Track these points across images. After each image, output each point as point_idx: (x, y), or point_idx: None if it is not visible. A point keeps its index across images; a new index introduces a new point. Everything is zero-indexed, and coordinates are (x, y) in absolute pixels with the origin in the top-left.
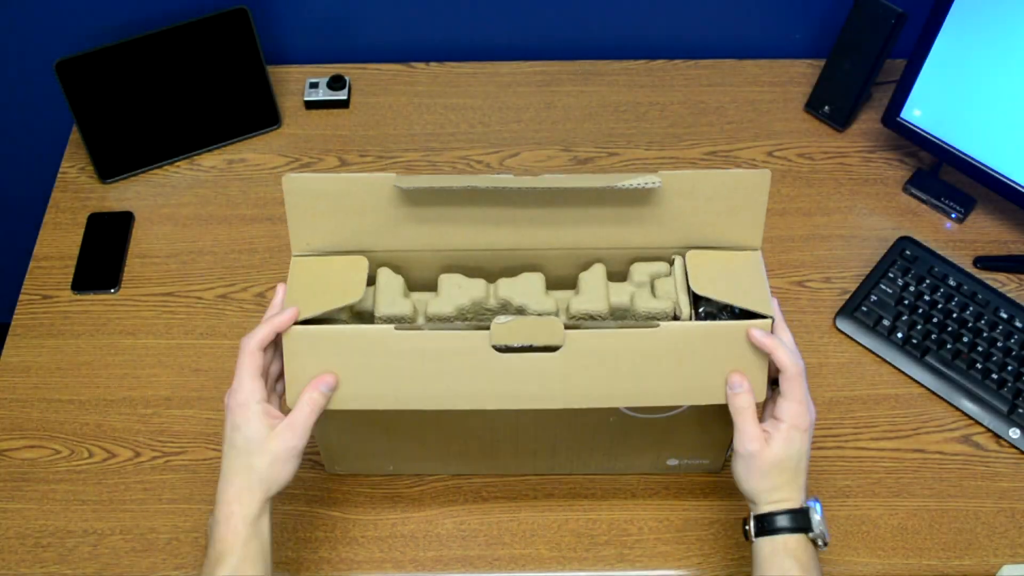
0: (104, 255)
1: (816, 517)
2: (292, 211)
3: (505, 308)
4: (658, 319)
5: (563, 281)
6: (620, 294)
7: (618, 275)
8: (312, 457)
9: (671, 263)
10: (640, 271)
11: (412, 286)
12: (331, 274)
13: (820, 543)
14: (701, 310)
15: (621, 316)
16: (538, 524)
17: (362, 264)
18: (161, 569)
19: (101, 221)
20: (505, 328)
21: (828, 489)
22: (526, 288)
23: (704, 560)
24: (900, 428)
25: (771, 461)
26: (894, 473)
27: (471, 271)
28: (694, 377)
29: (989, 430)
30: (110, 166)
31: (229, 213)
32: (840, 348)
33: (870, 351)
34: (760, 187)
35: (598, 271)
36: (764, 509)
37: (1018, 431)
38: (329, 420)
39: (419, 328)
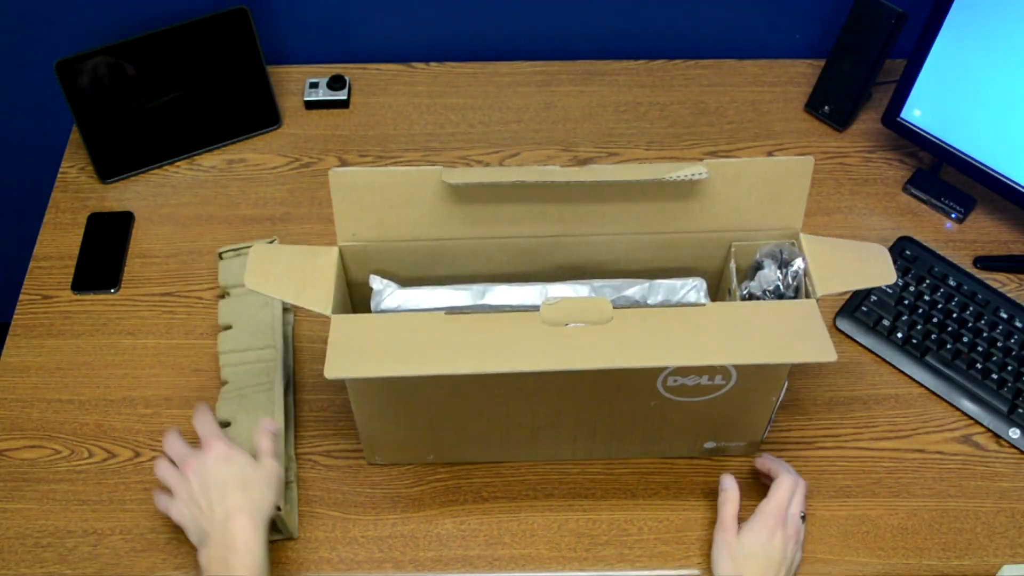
0: (104, 255)
1: None
2: (339, 205)
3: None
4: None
5: (606, 265)
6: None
7: (658, 257)
8: (312, 458)
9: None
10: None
11: (458, 276)
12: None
13: None
14: (745, 291)
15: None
16: (538, 524)
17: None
18: (161, 569)
19: (101, 221)
20: (555, 307)
21: (828, 489)
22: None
23: (704, 560)
24: (900, 428)
25: (742, 550)
26: (894, 473)
27: (517, 258)
28: (737, 343)
29: (989, 430)
30: (110, 166)
31: (229, 213)
32: (840, 348)
33: (870, 351)
34: (803, 173)
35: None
36: None
37: (1018, 431)
38: (373, 405)
39: (468, 311)
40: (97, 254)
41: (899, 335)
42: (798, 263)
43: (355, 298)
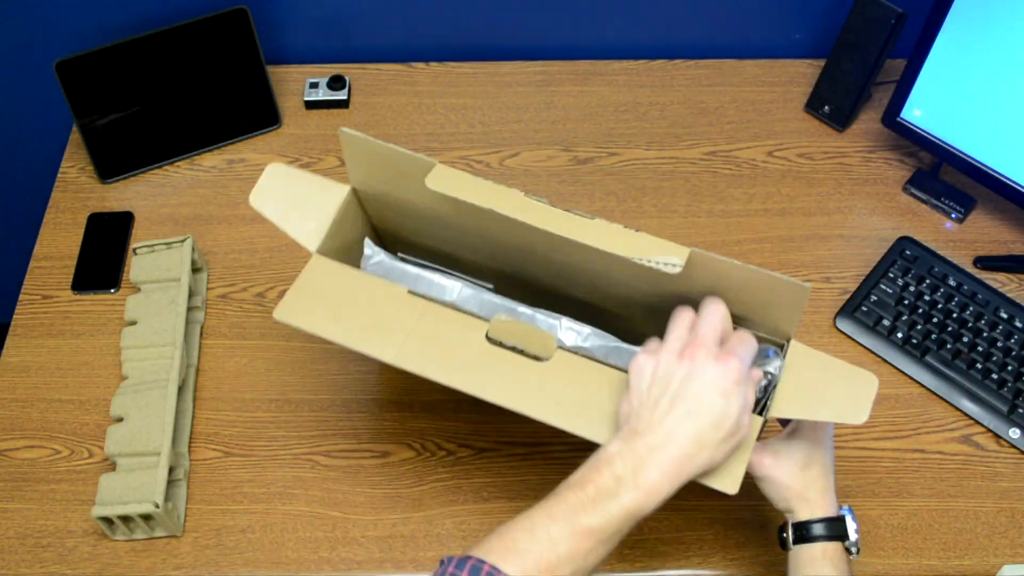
0: (104, 255)
1: (852, 525)
2: (349, 159)
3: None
4: None
5: (597, 282)
6: None
7: (640, 314)
8: (312, 458)
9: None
10: None
11: (456, 253)
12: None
13: (854, 551)
14: None
15: None
16: None
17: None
18: (161, 569)
19: (101, 221)
20: (504, 325)
21: None
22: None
23: (704, 560)
24: (900, 428)
25: (785, 477)
26: (894, 473)
27: (511, 254)
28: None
29: (989, 430)
30: (110, 166)
31: (229, 213)
32: (840, 348)
33: (870, 351)
34: (798, 299)
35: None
36: (802, 517)
37: (1018, 431)
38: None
39: (429, 299)
40: (97, 254)
41: (899, 335)
42: (775, 366)
43: (386, 240)
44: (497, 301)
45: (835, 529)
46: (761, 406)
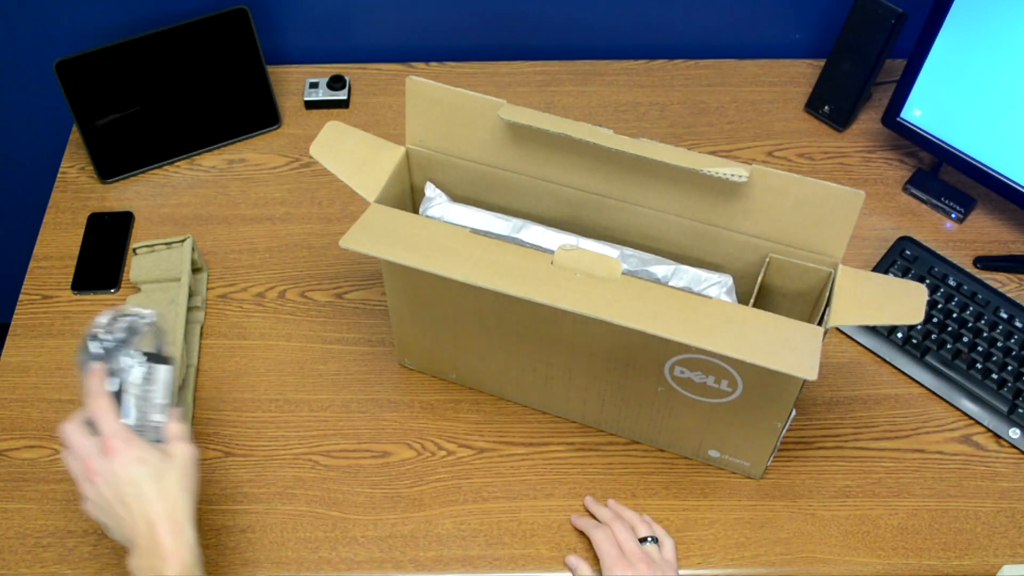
0: (104, 255)
1: None
2: (410, 110)
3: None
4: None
5: (646, 240)
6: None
7: (695, 246)
8: (312, 458)
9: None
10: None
11: (508, 208)
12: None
13: None
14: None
15: None
16: (538, 524)
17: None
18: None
19: (101, 221)
20: (568, 254)
21: (828, 489)
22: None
23: (704, 560)
24: (900, 428)
25: None
26: (894, 473)
27: (564, 207)
28: (723, 336)
29: (989, 430)
30: (110, 166)
31: (229, 213)
32: (840, 348)
33: (870, 351)
34: (852, 205)
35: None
36: None
37: (1018, 431)
38: (405, 307)
39: (494, 236)
40: (97, 254)
41: (899, 335)
42: None
43: (417, 201)
44: (561, 237)
45: None
46: (820, 316)
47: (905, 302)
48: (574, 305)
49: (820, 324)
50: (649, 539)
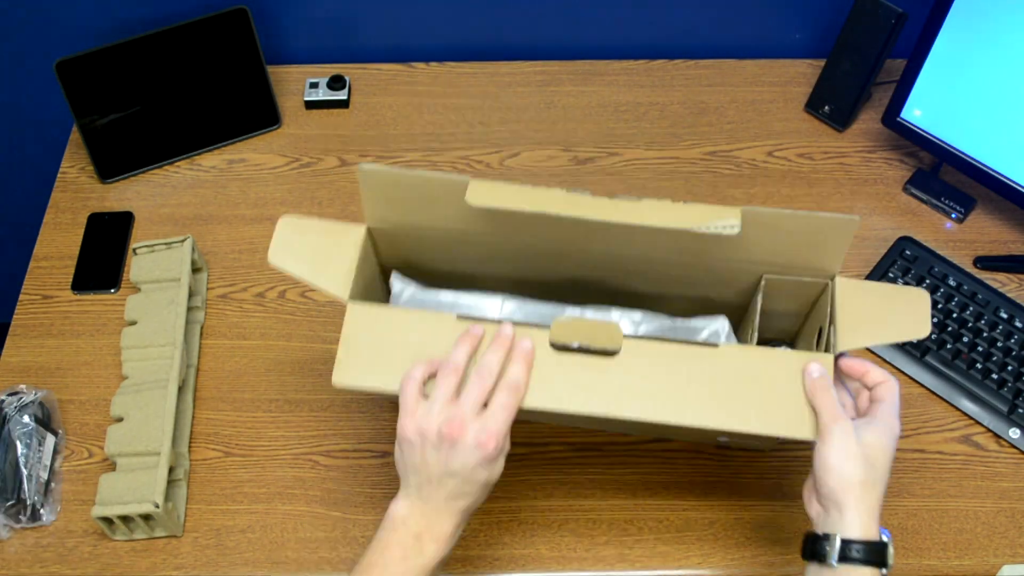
0: (104, 255)
1: (891, 552)
2: (366, 195)
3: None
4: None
5: (630, 281)
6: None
7: (684, 281)
8: (312, 458)
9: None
10: None
11: (480, 274)
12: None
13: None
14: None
15: None
16: (538, 524)
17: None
18: (161, 569)
19: (101, 221)
20: (565, 326)
21: None
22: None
23: (704, 560)
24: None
25: (860, 448)
26: (894, 473)
27: (539, 262)
28: (749, 401)
29: (989, 430)
30: (110, 166)
31: (229, 213)
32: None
33: (870, 351)
34: (846, 230)
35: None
36: (850, 531)
37: (1018, 431)
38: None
39: (481, 319)
40: (97, 254)
41: None
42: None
43: (388, 277)
44: (542, 308)
45: (881, 556)
46: (825, 343)
47: (910, 314)
48: (582, 407)
49: (828, 350)
50: None
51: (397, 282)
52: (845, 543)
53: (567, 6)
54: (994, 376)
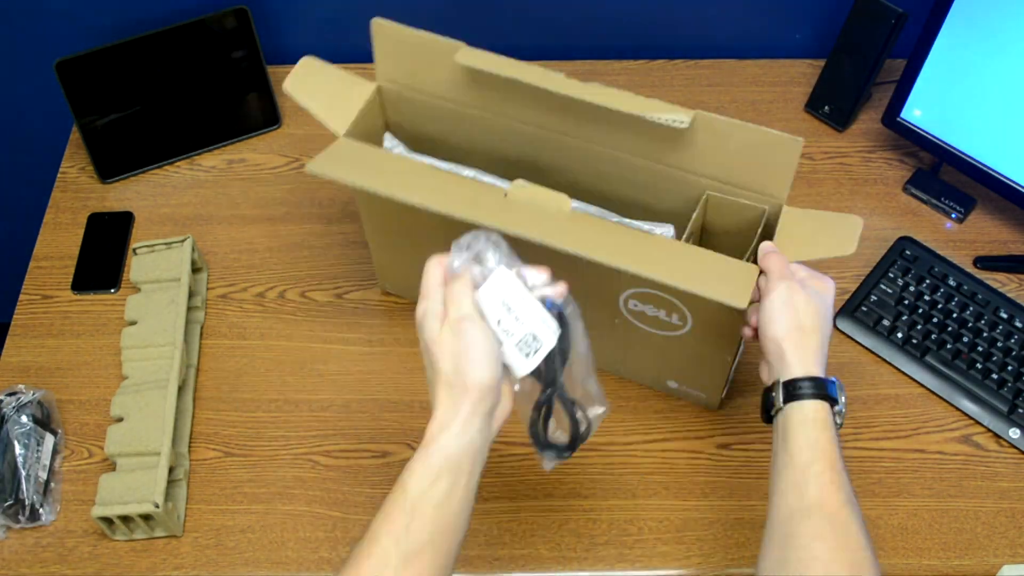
0: (104, 255)
1: (841, 393)
2: (378, 49)
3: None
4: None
5: (598, 181)
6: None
7: (640, 187)
8: (312, 458)
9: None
10: None
11: (469, 147)
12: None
13: (839, 420)
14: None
15: None
16: (538, 524)
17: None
18: (161, 569)
19: (101, 221)
20: (522, 190)
21: None
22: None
23: (704, 560)
24: (900, 428)
25: (794, 302)
26: (894, 473)
27: (523, 146)
28: (680, 269)
29: (989, 430)
30: (110, 166)
31: (229, 213)
32: (840, 348)
33: (870, 351)
34: (792, 151)
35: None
36: (793, 374)
37: (1018, 431)
38: (380, 233)
39: (457, 165)
40: (97, 254)
41: (899, 335)
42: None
43: (401, 140)
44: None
45: (825, 389)
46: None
47: (839, 234)
48: (525, 232)
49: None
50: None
51: (388, 140)
52: (788, 383)
53: (567, 6)
54: (994, 376)
